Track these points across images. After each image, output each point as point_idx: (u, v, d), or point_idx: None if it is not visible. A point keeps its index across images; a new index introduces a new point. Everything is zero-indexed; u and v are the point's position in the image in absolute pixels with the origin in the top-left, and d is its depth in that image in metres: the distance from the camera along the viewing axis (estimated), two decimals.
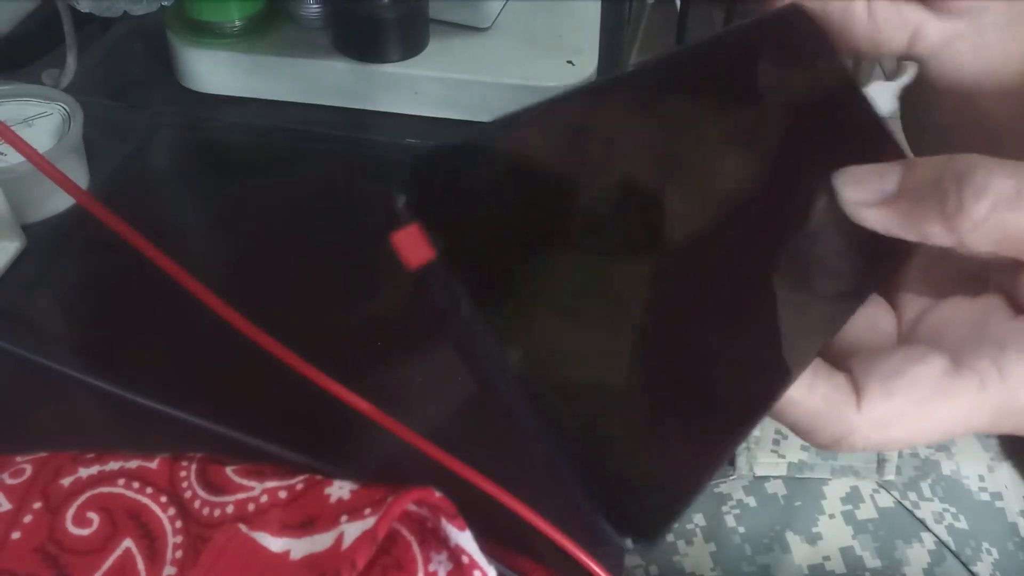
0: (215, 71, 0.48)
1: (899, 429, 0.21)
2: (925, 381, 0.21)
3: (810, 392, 0.21)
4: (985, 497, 0.46)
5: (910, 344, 0.23)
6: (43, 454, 0.27)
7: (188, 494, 0.26)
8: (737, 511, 0.47)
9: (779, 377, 0.21)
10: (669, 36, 0.74)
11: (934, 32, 0.27)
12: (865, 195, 0.22)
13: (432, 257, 0.15)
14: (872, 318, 0.25)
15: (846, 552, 0.45)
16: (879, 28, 0.27)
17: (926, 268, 0.25)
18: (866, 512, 0.46)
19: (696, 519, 0.48)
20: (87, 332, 0.36)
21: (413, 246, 0.15)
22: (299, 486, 0.26)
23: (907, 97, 0.33)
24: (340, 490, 0.25)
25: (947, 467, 0.46)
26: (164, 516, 0.26)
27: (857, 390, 0.21)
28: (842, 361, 0.23)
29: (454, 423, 0.33)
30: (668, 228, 0.20)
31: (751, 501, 0.47)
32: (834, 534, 0.45)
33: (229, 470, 0.27)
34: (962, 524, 0.45)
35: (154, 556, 0.25)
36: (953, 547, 0.45)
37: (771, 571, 0.45)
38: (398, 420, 0.27)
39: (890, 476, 0.46)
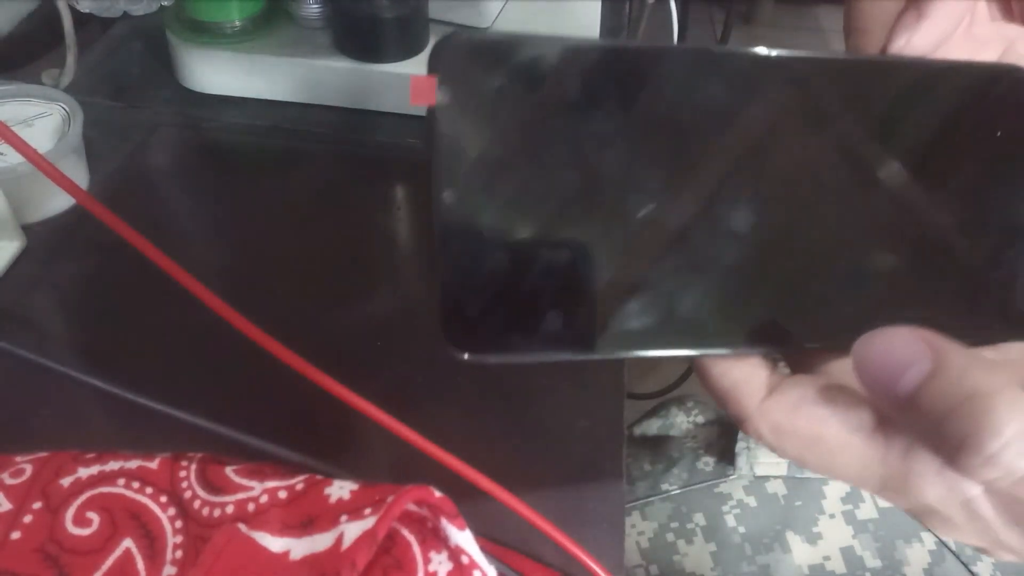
0: (215, 71, 0.48)
1: (791, 444, 0.22)
2: (836, 423, 0.21)
3: (724, 373, 0.23)
4: None
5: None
6: (43, 454, 0.27)
7: (188, 494, 0.26)
8: (737, 511, 0.47)
9: (677, 337, 0.22)
10: (669, 37, 0.74)
11: None
12: (878, 385, 0.20)
13: (431, 105, 0.20)
14: None
15: (846, 552, 0.45)
16: (976, 44, 0.26)
17: None
18: (866, 512, 0.46)
19: (696, 519, 0.48)
20: (87, 332, 0.36)
21: (423, 90, 0.20)
22: (299, 486, 0.26)
23: None
24: (340, 490, 0.25)
25: None
26: (164, 516, 0.26)
27: (772, 389, 0.22)
28: (810, 360, 0.24)
29: (454, 423, 0.33)
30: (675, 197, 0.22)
31: (751, 501, 0.47)
32: (834, 534, 0.45)
33: (229, 470, 0.27)
34: None
35: (154, 556, 0.25)
36: (953, 547, 0.45)
37: (771, 571, 0.45)
38: (398, 420, 0.27)
39: None
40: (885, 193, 0.24)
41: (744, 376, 0.22)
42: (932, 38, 0.24)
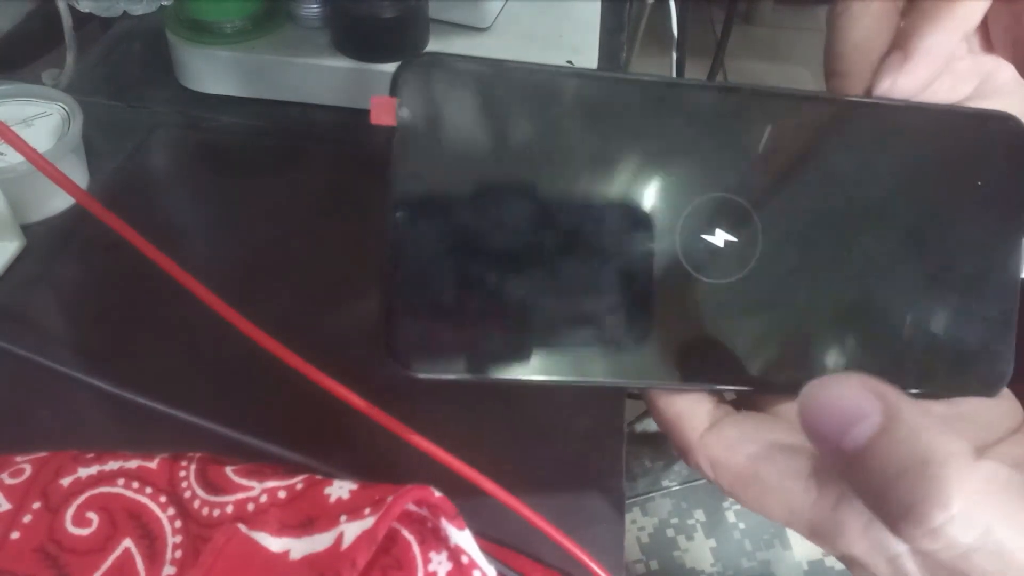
0: (215, 71, 0.48)
1: (726, 480, 0.22)
2: (770, 466, 0.21)
3: (669, 404, 0.23)
4: None
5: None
6: (43, 454, 0.27)
7: (188, 494, 0.26)
8: (737, 507, 0.47)
9: (613, 364, 0.22)
10: (669, 36, 0.74)
11: (1006, 77, 0.25)
12: (823, 437, 0.19)
13: (392, 126, 0.21)
14: None
15: None
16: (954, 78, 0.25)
17: None
18: None
19: (696, 515, 0.48)
20: (87, 332, 0.36)
21: (383, 111, 0.21)
22: (299, 486, 0.26)
23: None
24: (340, 490, 0.25)
25: None
26: (164, 516, 0.26)
27: (715, 423, 0.23)
28: (760, 400, 0.24)
29: (454, 423, 0.33)
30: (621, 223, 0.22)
31: None
32: None
33: (229, 470, 0.27)
34: None
35: (154, 556, 0.25)
36: None
37: (771, 567, 0.45)
38: (398, 420, 0.27)
39: None
40: (849, 236, 0.23)
41: (687, 408, 0.23)
42: (918, 80, 0.24)
